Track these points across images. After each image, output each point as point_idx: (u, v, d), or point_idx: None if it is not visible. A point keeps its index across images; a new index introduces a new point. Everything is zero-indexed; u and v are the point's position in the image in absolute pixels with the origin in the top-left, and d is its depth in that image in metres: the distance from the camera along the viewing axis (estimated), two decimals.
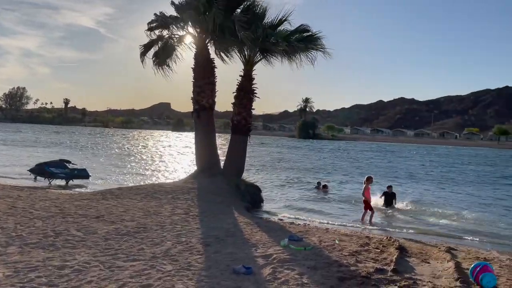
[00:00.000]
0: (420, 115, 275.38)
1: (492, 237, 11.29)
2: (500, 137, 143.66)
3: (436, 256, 7.54)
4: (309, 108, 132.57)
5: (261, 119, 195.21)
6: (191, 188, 12.68)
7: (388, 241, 8.48)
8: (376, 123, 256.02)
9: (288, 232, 8.63)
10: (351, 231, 10.01)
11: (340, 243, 7.79)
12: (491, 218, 14.05)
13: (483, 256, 7.75)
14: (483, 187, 23.32)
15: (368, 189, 12.31)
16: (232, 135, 14.67)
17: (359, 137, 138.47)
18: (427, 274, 6.16)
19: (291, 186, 19.64)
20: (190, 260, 6.07)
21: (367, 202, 12.22)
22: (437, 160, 49.16)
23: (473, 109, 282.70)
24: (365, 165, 35.48)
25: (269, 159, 36.83)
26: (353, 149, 68.07)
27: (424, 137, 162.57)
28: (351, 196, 17.22)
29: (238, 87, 14.29)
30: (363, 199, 12.38)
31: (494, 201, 18.05)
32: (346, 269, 6.05)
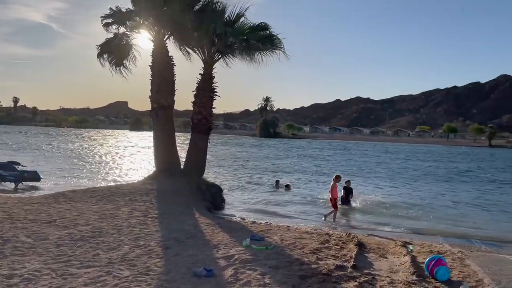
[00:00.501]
0: (376, 113, 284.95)
1: (443, 230, 11.82)
2: (449, 134, 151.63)
3: (392, 251, 7.77)
4: (270, 107, 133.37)
5: (222, 118, 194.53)
6: (150, 189, 12.34)
7: (347, 237, 8.64)
8: (334, 121, 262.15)
9: (249, 231, 8.58)
10: (312, 229, 10.11)
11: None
12: (443, 212, 14.73)
13: (436, 249, 8.07)
14: (435, 183, 24.40)
15: (336, 187, 12.39)
16: (193, 134, 14.43)
17: (318, 136, 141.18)
18: (385, 269, 6.31)
19: (252, 185, 19.64)
20: (149, 264, 5.87)
21: (334, 200, 12.35)
22: (392, 157, 50.98)
23: (424, 108, 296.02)
24: (324, 163, 36.16)
25: (230, 158, 36.74)
26: (312, 147, 69.27)
27: (379, 135, 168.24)
28: (311, 194, 17.50)
29: (198, 85, 14.07)
30: (330, 197, 12.52)
31: (445, 196, 18.93)
32: (308, 267, 6.08)
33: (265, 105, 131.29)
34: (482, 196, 19.35)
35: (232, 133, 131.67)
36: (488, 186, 23.66)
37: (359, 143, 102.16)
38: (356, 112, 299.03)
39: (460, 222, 13.17)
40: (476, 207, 16.26)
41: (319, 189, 19.05)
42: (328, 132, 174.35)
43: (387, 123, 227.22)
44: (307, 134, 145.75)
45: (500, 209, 15.97)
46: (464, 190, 21.31)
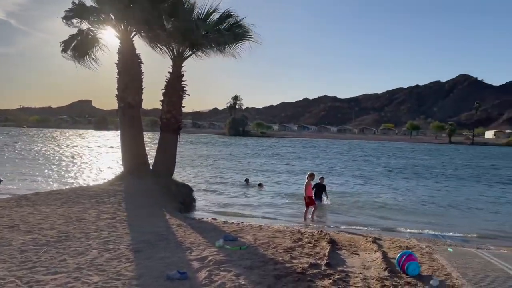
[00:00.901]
0: (342, 112, 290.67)
1: (411, 224, 12.16)
2: (412, 131, 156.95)
3: (364, 247, 7.89)
4: (239, 105, 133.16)
5: (190, 116, 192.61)
6: (118, 191, 12.01)
7: (319, 235, 8.71)
8: (303, 120, 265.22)
9: (222, 231, 8.50)
10: (284, 227, 10.13)
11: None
12: (409, 207, 15.17)
13: (404, 244, 8.27)
14: (401, 179, 25.11)
15: (310, 185, 12.43)
16: (162, 134, 14.15)
17: (287, 134, 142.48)
18: (357, 266, 6.40)
19: (222, 185, 19.51)
20: (119, 268, 5.68)
21: (310, 198, 12.42)
22: (359, 154, 52.10)
23: (389, 106, 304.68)
24: (293, 161, 36.47)
25: (200, 157, 36.39)
26: (282, 145, 69.75)
27: (346, 132, 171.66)
28: (283, 192, 17.58)
29: (167, 84, 13.81)
30: (304, 196, 12.61)
31: (412, 191, 19.51)
32: (282, 266, 6.07)
33: (234, 103, 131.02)
34: (447, 192, 20.07)
35: (200, 132, 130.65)
36: (450, 182, 24.58)
37: (328, 141, 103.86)
38: (323, 110, 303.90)
39: (425, 216, 13.60)
40: (441, 202, 16.83)
41: (290, 187, 19.19)
42: (297, 130, 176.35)
43: (354, 121, 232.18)
44: (276, 133, 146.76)
45: (463, 204, 16.60)
46: (425, 186, 22.03)
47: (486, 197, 18.54)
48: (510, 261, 6.88)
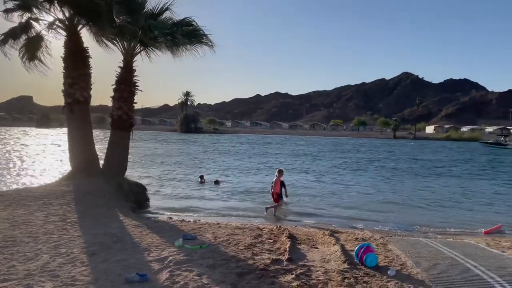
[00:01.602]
0: (294, 108, 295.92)
1: (363, 216, 12.60)
2: (359, 127, 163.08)
3: (322, 240, 8.05)
4: (191, 101, 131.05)
5: (140, 113, 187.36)
6: (66, 191, 11.40)
7: (278, 230, 8.78)
8: (255, 116, 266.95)
9: (180, 231, 8.32)
10: (242, 224, 10.12)
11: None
12: (361, 200, 15.71)
13: (360, 236, 8.54)
14: (351, 173, 25.96)
15: (279, 182, 12.46)
16: (113, 131, 13.59)
17: (239, 130, 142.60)
18: (318, 260, 6.51)
19: (176, 182, 19.15)
20: (74, 273, 5.38)
21: (277, 194, 12.44)
22: (312, 149, 53.26)
23: (337, 102, 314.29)
24: (248, 158, 36.57)
25: (152, 155, 35.49)
26: (235, 141, 69.73)
27: (297, 128, 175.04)
28: (239, 189, 17.55)
29: (117, 79, 13.27)
30: (272, 192, 12.61)
31: (362, 185, 20.23)
32: (244, 263, 6.05)
33: (186, 99, 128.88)
34: (393, 185, 21.01)
35: (151, 129, 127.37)
36: (395, 174, 25.79)
37: (282, 136, 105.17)
38: (275, 106, 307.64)
39: (374, 208, 14.15)
40: (389, 194, 17.58)
41: (246, 184, 19.20)
42: (250, 126, 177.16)
43: (304, 117, 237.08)
44: (229, 129, 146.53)
45: (410, 196, 17.46)
46: (374, 179, 22.95)
47: (428, 189, 19.59)
48: (457, 249, 7.31)
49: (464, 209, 14.69)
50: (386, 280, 5.41)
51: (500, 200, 16.70)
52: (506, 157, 48.79)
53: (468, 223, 12.43)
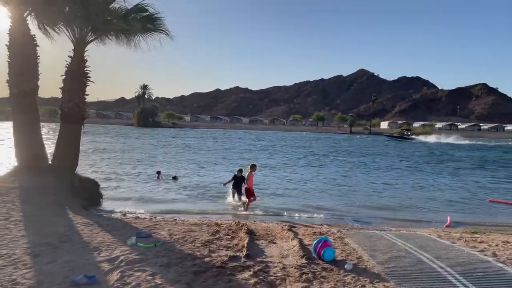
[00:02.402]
0: (254, 103, 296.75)
1: (321, 210, 12.72)
2: (318, 122, 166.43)
3: (280, 235, 8.00)
4: (148, 95, 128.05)
5: (95, 106, 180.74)
6: (11, 188, 10.66)
7: (236, 226, 8.65)
8: (215, 110, 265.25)
9: (134, 228, 7.98)
10: (200, 220, 9.88)
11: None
12: (319, 194, 15.90)
13: (318, 231, 8.57)
14: (307, 166, 26.30)
15: (251, 176, 12.36)
16: (63, 125, 12.85)
17: (199, 125, 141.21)
18: (276, 255, 6.43)
19: (132, 178, 18.52)
20: (15, 276, 4.98)
21: (250, 189, 12.31)
22: (271, 144, 53.58)
23: (297, 98, 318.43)
24: (207, 152, 36.18)
25: (107, 149, 34.23)
26: (194, 136, 68.87)
27: (257, 123, 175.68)
28: (197, 184, 17.25)
29: (67, 69, 12.53)
30: (245, 187, 12.42)
31: (319, 178, 20.53)
32: (201, 261, 5.86)
33: (143, 93, 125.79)
34: (346, 177, 21.49)
35: (106, 123, 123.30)
36: (353, 168, 26.43)
37: (243, 131, 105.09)
38: (235, 101, 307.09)
39: (331, 201, 14.36)
40: (346, 187, 17.93)
41: (204, 179, 18.92)
42: (209, 121, 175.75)
43: (264, 113, 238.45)
44: (188, 123, 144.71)
45: (363, 188, 17.89)
46: (328, 172, 23.39)
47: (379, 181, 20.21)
48: (411, 241, 7.49)
49: (414, 201, 15.23)
50: (343, 275, 5.41)
51: (447, 191, 17.47)
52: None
53: (420, 213, 12.89)
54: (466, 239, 7.97)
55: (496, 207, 14.66)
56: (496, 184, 21.08)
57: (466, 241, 7.76)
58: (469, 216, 12.99)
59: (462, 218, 12.53)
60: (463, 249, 6.95)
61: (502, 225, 11.76)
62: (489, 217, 12.99)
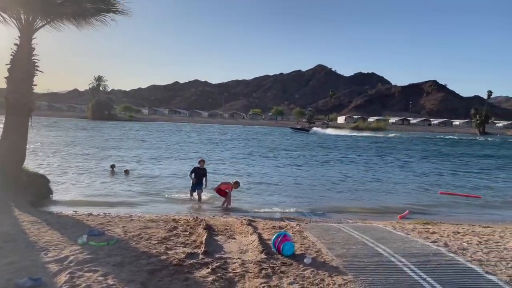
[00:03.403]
0: (213, 97, 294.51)
1: (280, 204, 12.74)
2: (277, 116, 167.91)
3: (239, 230, 7.89)
4: (103, 87, 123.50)
5: (46, 98, 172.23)
6: None
7: (195, 221, 8.45)
8: (174, 104, 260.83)
9: (86, 226, 7.60)
10: (157, 216, 9.56)
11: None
12: (278, 188, 15.95)
13: (277, 225, 8.54)
14: (268, 161, 26.39)
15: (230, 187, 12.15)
16: (8, 117, 11.99)
17: (157, 118, 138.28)
18: (235, 251, 6.31)
19: (84, 172, 17.72)
20: None
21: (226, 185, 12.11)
22: (231, 138, 53.37)
23: (256, 92, 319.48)
24: (162, 146, 35.44)
25: (57, 143, 32.63)
26: (152, 129, 67.32)
27: (217, 117, 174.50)
28: (151, 179, 16.81)
29: (13, 58, 11.70)
30: (217, 188, 12.22)
31: (276, 172, 20.63)
32: (157, 259, 5.64)
33: (98, 85, 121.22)
34: (304, 171, 21.77)
35: (59, 115, 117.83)
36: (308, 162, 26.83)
37: (201, 125, 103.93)
38: (195, 95, 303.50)
39: (289, 195, 14.46)
40: (301, 180, 18.13)
41: (159, 172, 18.49)
42: (168, 114, 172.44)
43: (224, 106, 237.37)
44: (145, 117, 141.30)
45: (318, 181, 18.18)
46: (281, 165, 23.63)
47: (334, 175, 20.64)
48: (367, 233, 7.62)
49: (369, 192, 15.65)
50: (302, 269, 5.39)
51: (400, 184, 18.10)
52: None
53: (376, 205, 13.25)
54: (419, 230, 8.23)
55: (446, 198, 15.31)
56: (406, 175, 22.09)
57: (419, 232, 8.01)
58: (421, 207, 13.47)
59: (414, 209, 12.98)
60: (417, 240, 7.16)
61: (451, 215, 12.32)
62: (440, 208, 13.54)
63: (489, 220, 11.48)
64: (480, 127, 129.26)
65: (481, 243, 7.04)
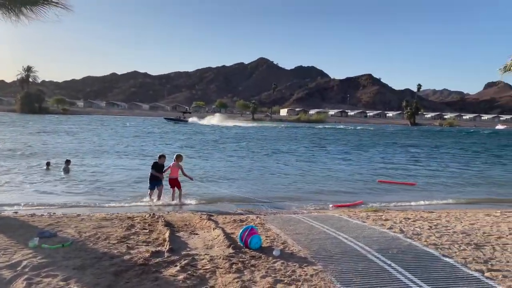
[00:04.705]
0: (154, 89, 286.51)
1: (236, 198, 12.67)
2: (221, 109, 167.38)
3: (200, 225, 7.73)
4: (33, 78, 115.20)
5: None
6: None
7: (152, 218, 8.16)
8: (111, 96, 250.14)
9: (33, 227, 7.04)
10: (109, 214, 9.08)
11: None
12: (229, 181, 15.88)
13: (238, 218, 8.48)
14: (215, 154, 26.22)
15: (175, 167, 11.58)
16: None
17: (94, 111, 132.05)
18: (200, 247, 6.17)
19: (19, 170, 16.40)
20: None
21: (174, 180, 11.60)
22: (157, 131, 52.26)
23: (199, 84, 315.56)
24: (99, 140, 33.92)
25: None
26: (88, 123, 64.08)
27: (158, 110, 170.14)
28: (93, 175, 16.01)
29: None
30: (169, 178, 11.69)
31: (225, 165, 20.55)
32: (120, 260, 5.35)
33: (27, 75, 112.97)
34: (259, 165, 21.91)
35: None
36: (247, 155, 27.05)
37: (140, 118, 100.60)
38: (134, 86, 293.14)
39: (240, 187, 14.48)
40: (248, 172, 18.22)
41: (99, 169, 17.67)
42: (105, 107, 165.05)
43: (166, 99, 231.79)
44: (81, 110, 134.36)
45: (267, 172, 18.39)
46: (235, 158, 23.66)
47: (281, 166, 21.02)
48: (327, 223, 7.81)
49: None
50: (272, 261, 5.39)
51: (339, 172, 18.81)
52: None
53: (323, 196, 13.59)
54: (373, 218, 8.58)
55: (384, 186, 16.03)
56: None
57: (374, 220, 8.35)
58: (363, 196, 13.97)
59: (357, 198, 13.47)
60: (374, 227, 7.46)
61: (392, 202, 12.90)
62: (382, 196, 14.12)
63: (429, 205, 12.24)
64: (411, 118, 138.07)
65: (432, 228, 7.50)
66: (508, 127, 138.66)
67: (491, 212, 10.06)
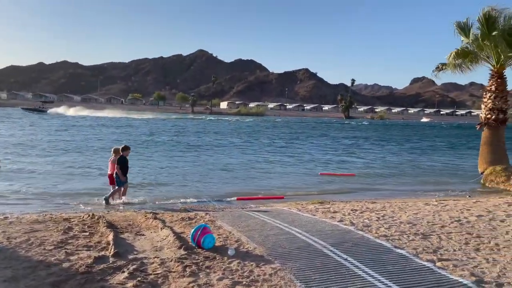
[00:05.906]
0: (86, 80, 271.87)
1: (176, 193, 12.20)
2: (159, 102, 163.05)
3: (146, 225, 7.26)
4: None
5: None
6: None
7: (91, 219, 7.54)
8: (39, 87, 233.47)
9: None
10: (40, 215, 8.25)
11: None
12: (167, 177, 15.35)
13: (186, 216, 8.08)
14: (150, 151, 25.34)
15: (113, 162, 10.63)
16: None
17: (19, 103, 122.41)
18: (149, 249, 5.74)
19: None
20: None
21: (112, 176, 10.73)
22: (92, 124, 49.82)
23: (135, 76, 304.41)
24: (25, 134, 31.45)
25: None
26: (15, 116, 59.14)
27: (91, 102, 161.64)
28: (21, 172, 14.73)
29: None
30: (109, 173, 10.90)
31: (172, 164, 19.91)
32: (58, 268, 4.80)
33: None
34: (203, 160, 21.46)
35: None
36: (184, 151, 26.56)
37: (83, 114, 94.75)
38: (64, 77, 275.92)
39: (179, 183, 14.05)
40: (196, 168, 17.80)
41: (30, 164, 16.32)
42: (32, 99, 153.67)
43: (100, 90, 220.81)
44: (5, 102, 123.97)
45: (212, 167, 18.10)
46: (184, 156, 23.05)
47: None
48: (278, 217, 7.69)
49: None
50: (228, 262, 5.13)
51: (277, 164, 19.03)
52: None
53: (268, 190, 13.55)
54: (322, 211, 8.61)
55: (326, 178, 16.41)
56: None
57: (323, 213, 8.38)
58: (304, 188, 14.18)
59: (298, 190, 13.63)
60: (325, 220, 7.46)
61: (336, 193, 13.20)
62: (324, 187, 14.40)
63: (370, 196, 12.66)
64: (346, 111, 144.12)
65: (380, 219, 7.66)
66: (432, 120, 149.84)
67: (428, 201, 10.57)
